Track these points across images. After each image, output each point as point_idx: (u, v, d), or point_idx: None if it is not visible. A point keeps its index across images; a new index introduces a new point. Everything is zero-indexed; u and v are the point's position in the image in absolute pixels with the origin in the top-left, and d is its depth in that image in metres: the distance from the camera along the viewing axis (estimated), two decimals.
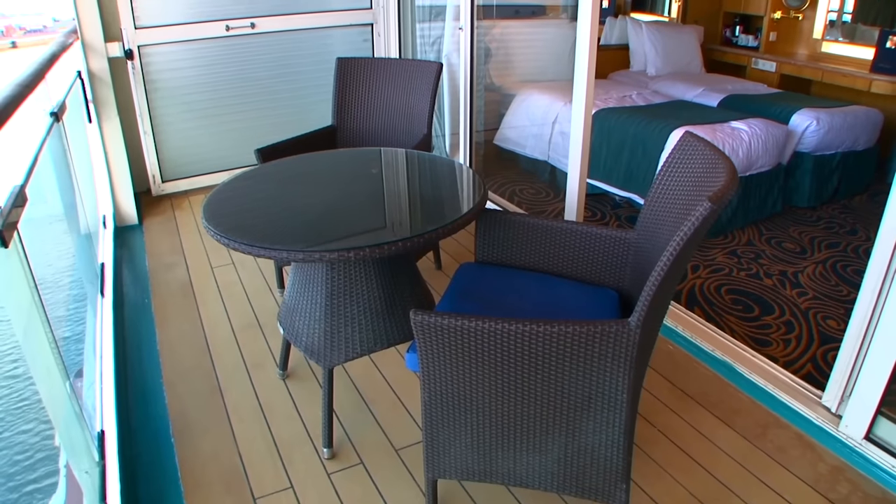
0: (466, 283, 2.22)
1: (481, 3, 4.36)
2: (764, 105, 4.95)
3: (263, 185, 2.55)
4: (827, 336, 3.08)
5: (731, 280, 3.61)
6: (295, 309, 2.31)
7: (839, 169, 4.77)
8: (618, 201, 4.61)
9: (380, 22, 4.99)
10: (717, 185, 1.62)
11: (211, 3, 4.42)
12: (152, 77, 4.36)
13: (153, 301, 3.35)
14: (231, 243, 1.93)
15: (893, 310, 2.04)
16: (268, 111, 4.80)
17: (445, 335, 1.61)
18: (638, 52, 6.40)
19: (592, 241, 2.22)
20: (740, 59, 6.73)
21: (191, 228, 4.14)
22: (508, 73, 5.55)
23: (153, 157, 4.52)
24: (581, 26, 2.99)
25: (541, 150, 5.09)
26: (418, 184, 2.68)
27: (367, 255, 1.86)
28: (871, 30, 5.83)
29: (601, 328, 1.54)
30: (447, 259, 3.67)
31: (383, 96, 3.59)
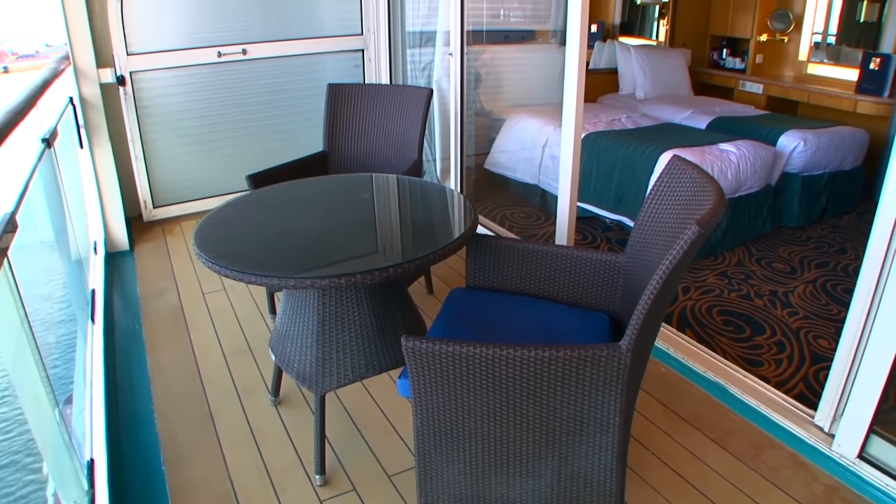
0: (458, 308, 2.22)
1: (471, 29, 4.40)
2: (752, 127, 5.00)
3: (255, 211, 2.55)
4: (818, 355, 3.09)
5: (722, 301, 3.62)
6: (286, 335, 2.31)
7: (827, 189, 4.82)
8: (608, 224, 4.63)
9: (370, 48, 5.03)
10: (706, 208, 1.64)
11: (203, 30, 4.45)
12: (144, 103, 4.37)
13: (144, 327, 3.33)
14: (223, 270, 1.93)
15: (883, 328, 2.05)
16: (259, 137, 4.81)
17: (437, 361, 1.61)
18: (626, 76, 6.46)
19: (583, 265, 2.23)
20: (728, 81, 6.80)
21: (182, 254, 4.13)
22: (498, 97, 5.59)
23: (144, 183, 4.52)
24: (569, 51, 3.02)
25: (531, 174, 5.12)
26: (409, 209, 2.69)
27: (359, 282, 1.87)
28: (855, 51, 5.91)
29: (592, 352, 1.55)
30: (439, 284, 3.68)
31: (374, 122, 3.61)
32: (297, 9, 4.73)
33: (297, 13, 4.73)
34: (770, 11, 6.50)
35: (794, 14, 6.37)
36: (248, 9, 4.56)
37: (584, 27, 2.99)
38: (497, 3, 5.30)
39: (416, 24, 4.93)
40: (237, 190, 3.98)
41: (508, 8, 5.41)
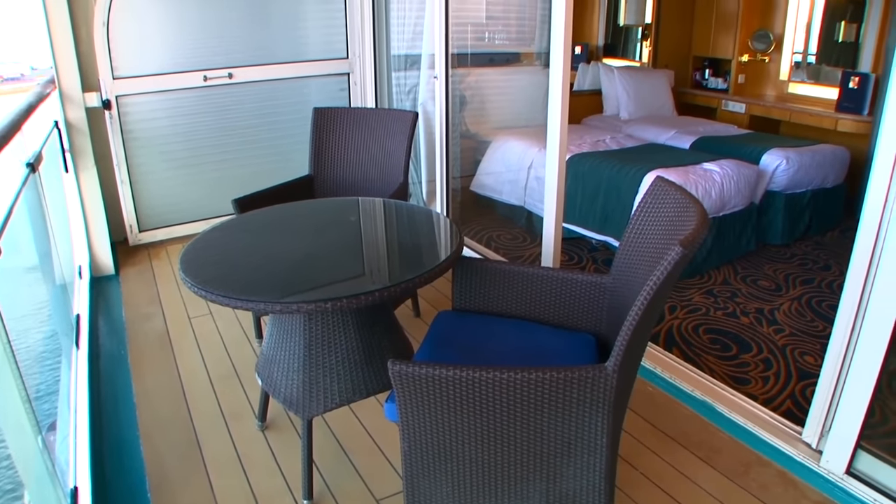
0: (444, 331, 2.23)
1: (455, 52, 4.44)
2: (735, 146, 5.06)
3: (241, 235, 2.55)
4: (805, 372, 3.10)
5: (708, 320, 3.64)
6: (273, 360, 2.30)
7: (810, 206, 4.87)
8: (594, 245, 4.65)
9: (356, 71, 5.07)
10: (689, 229, 1.65)
11: (189, 54, 4.46)
12: (130, 127, 4.37)
13: (129, 352, 3.31)
14: (209, 295, 1.93)
15: (867, 344, 2.07)
16: (245, 161, 4.82)
17: (424, 384, 1.61)
18: (610, 97, 6.52)
19: (569, 286, 2.24)
20: (711, 101, 6.88)
21: (168, 278, 4.11)
22: (483, 120, 5.62)
23: (130, 207, 4.51)
24: (553, 73, 3.06)
25: (517, 196, 5.14)
26: (395, 233, 2.70)
27: (345, 306, 1.87)
28: (835, 71, 6.00)
29: (578, 374, 1.55)
30: (425, 306, 3.68)
31: (360, 145, 3.63)
32: (283, 33, 4.76)
33: (282, 37, 4.76)
34: (751, 32, 6.60)
35: (775, 35, 6.47)
36: (234, 33, 4.59)
37: (567, 49, 3.03)
38: (482, 25, 5.34)
39: (401, 47, 4.97)
40: (223, 214, 3.98)
41: (493, 31, 5.46)
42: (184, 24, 4.41)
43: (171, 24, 4.38)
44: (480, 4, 5.27)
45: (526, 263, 4.36)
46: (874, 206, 2.00)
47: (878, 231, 2.00)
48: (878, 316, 2.03)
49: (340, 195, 3.55)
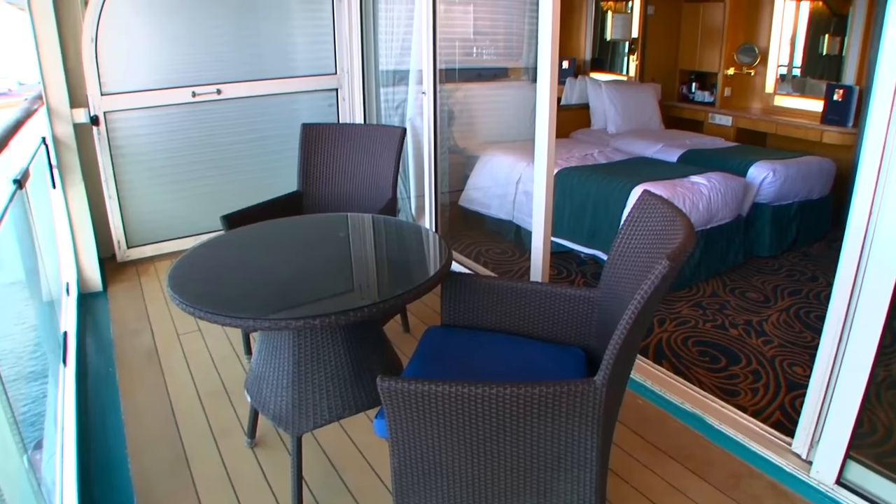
0: (433, 346, 2.22)
1: (443, 68, 4.46)
2: (722, 159, 5.09)
3: (229, 252, 2.54)
4: (794, 383, 3.12)
5: (697, 332, 3.65)
6: (262, 376, 2.29)
7: (797, 218, 4.91)
8: (583, 258, 4.66)
9: (344, 87, 5.08)
10: (676, 242, 1.66)
11: (177, 70, 4.46)
12: (118, 143, 4.36)
13: (118, 369, 3.28)
14: (197, 312, 1.92)
15: (855, 354, 2.08)
16: (234, 176, 4.81)
17: (413, 400, 1.61)
18: (598, 111, 6.56)
19: (557, 300, 2.24)
20: (697, 114, 6.93)
21: (156, 295, 4.09)
22: (472, 135, 5.64)
23: (118, 223, 4.49)
24: (540, 88, 3.08)
25: (505, 211, 5.14)
26: (384, 249, 2.71)
27: (334, 322, 1.87)
28: (820, 83, 6.06)
29: (567, 388, 1.55)
30: (415, 321, 3.67)
31: (348, 161, 3.63)
32: (272, 48, 4.77)
33: (271, 53, 4.77)
34: (736, 46, 6.67)
35: (760, 48, 6.54)
36: (223, 49, 4.59)
37: (554, 64, 3.05)
38: (469, 41, 5.37)
39: (389, 63, 4.99)
40: (212, 230, 3.96)
41: (481, 46, 5.48)
42: (172, 40, 4.41)
43: (159, 40, 4.38)
44: (468, 20, 5.30)
45: (515, 278, 4.40)
46: (859, 217, 2.02)
47: (863, 242, 2.02)
48: (864, 326, 2.04)
49: (329, 211, 3.55)
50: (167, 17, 4.36)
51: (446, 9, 4.96)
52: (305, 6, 4.83)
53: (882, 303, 1.99)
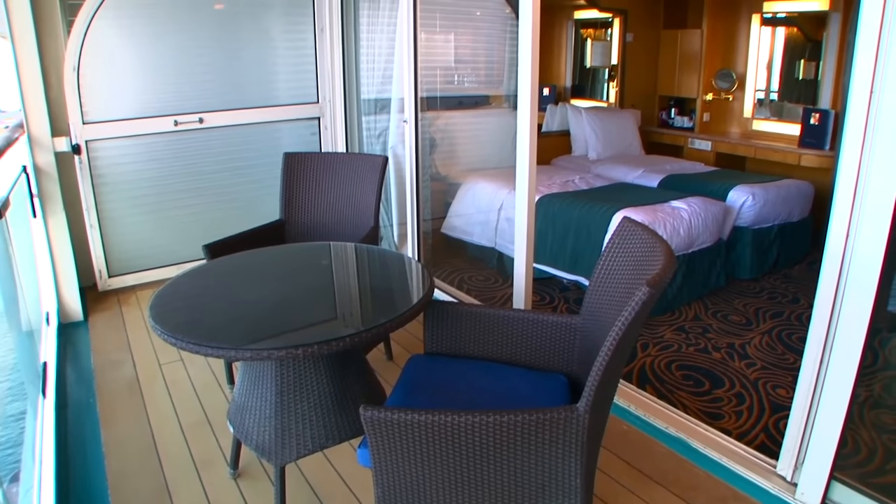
0: (416, 375, 2.22)
1: (425, 96, 4.50)
2: (702, 183, 5.15)
3: (211, 281, 2.54)
4: (777, 405, 3.13)
5: (680, 356, 3.66)
6: (244, 406, 2.27)
7: (777, 240, 4.97)
8: (566, 284, 4.67)
9: (327, 116, 5.11)
10: (656, 268, 1.67)
11: (159, 99, 4.47)
12: (100, 171, 4.34)
13: (98, 400, 3.24)
14: (178, 343, 1.91)
15: (836, 374, 2.10)
16: (216, 205, 4.81)
17: (396, 429, 1.60)
18: (579, 138, 6.62)
19: (539, 327, 2.25)
20: (677, 139, 7.02)
21: (138, 324, 4.06)
22: (453, 162, 5.66)
23: (100, 252, 4.46)
24: (521, 115, 3.11)
25: (488, 238, 5.15)
26: (366, 278, 2.71)
27: (316, 352, 1.86)
28: (797, 107, 6.17)
29: (550, 415, 1.55)
30: (398, 350, 3.66)
31: (330, 190, 3.65)
32: (254, 77, 4.79)
33: (253, 82, 4.80)
34: (714, 72, 6.78)
35: (737, 73, 6.66)
36: (205, 77, 4.61)
37: (534, 91, 3.09)
38: (451, 69, 5.42)
39: (371, 91, 5.03)
40: (194, 259, 3.96)
41: (462, 74, 5.53)
42: (155, 69, 4.42)
43: (141, 69, 4.39)
44: (449, 48, 5.36)
45: (498, 304, 4.40)
46: (836, 239, 2.04)
47: (841, 263, 2.04)
48: (845, 347, 2.06)
49: (311, 240, 3.55)
50: (150, 46, 4.38)
51: (427, 37, 5.01)
52: (287, 35, 4.87)
53: (861, 323, 2.01)
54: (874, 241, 1.94)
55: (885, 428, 2.50)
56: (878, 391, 2.50)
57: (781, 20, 6.41)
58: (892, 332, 2.53)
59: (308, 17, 4.89)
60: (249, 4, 4.72)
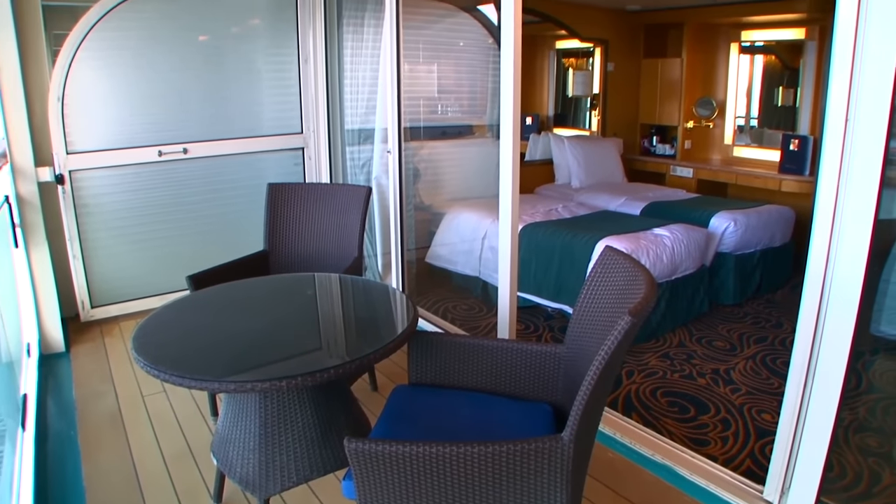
0: (401, 406, 2.21)
1: (408, 126, 4.53)
2: (684, 210, 5.20)
3: (195, 312, 2.53)
4: (763, 430, 3.14)
5: (665, 383, 3.67)
6: (228, 439, 2.25)
7: (760, 265, 5.01)
8: (550, 313, 4.68)
9: (311, 146, 5.13)
10: (639, 297, 1.69)
11: (144, 129, 4.47)
12: (84, 201, 4.33)
13: (79, 432, 3.20)
14: (161, 375, 1.90)
15: (820, 399, 2.11)
16: (200, 236, 4.80)
17: (381, 461, 1.60)
18: (562, 166, 6.66)
19: (524, 357, 2.25)
20: (659, 167, 7.09)
21: (121, 355, 4.02)
22: (437, 192, 5.67)
23: (82, 282, 4.43)
24: (504, 145, 3.14)
25: (472, 267, 5.15)
26: (351, 309, 2.71)
27: (300, 384, 1.86)
28: (776, 133, 6.27)
29: (535, 445, 1.56)
30: (383, 380, 3.65)
31: (314, 221, 3.66)
32: (239, 108, 4.82)
33: (237, 112, 4.82)
34: (694, 99, 6.88)
35: (717, 101, 6.76)
36: (190, 108, 4.63)
37: (516, 121, 3.12)
38: (434, 99, 5.47)
39: (354, 122, 5.06)
40: (178, 289, 3.93)
41: (445, 104, 5.57)
42: (139, 100, 4.43)
43: (126, 100, 4.40)
44: (432, 79, 5.41)
45: (482, 333, 4.40)
46: (817, 264, 2.07)
47: (822, 288, 2.06)
48: (828, 371, 2.08)
49: (296, 270, 3.55)
50: (135, 77, 4.39)
51: (411, 68, 5.07)
52: (272, 66, 4.91)
53: (843, 347, 2.03)
54: (853, 265, 1.97)
55: (871, 451, 2.52)
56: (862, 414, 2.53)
57: (759, 48, 6.54)
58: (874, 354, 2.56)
59: (292, 47, 4.93)
60: (234, 36, 4.76)
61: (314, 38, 4.92)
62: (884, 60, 1.81)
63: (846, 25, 1.88)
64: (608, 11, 7.04)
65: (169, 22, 4.45)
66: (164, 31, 4.45)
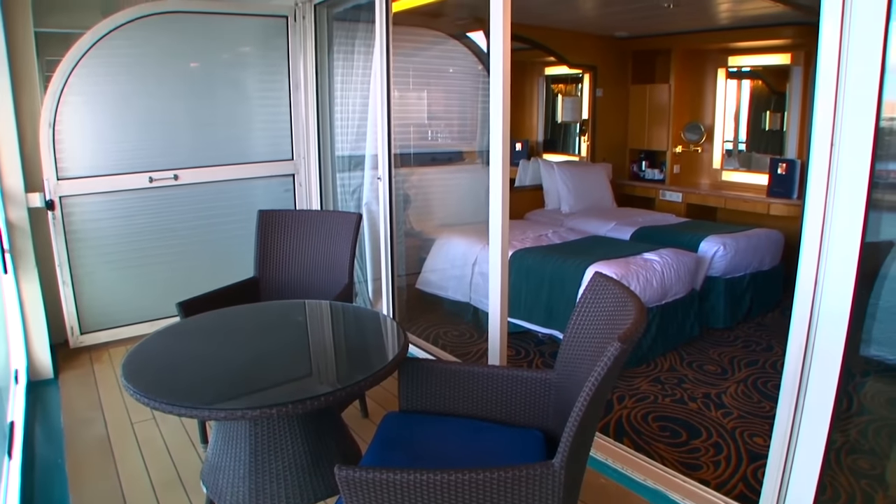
0: (391, 433, 2.21)
1: (399, 152, 4.55)
2: (673, 235, 5.23)
3: (185, 340, 2.52)
4: (755, 453, 3.13)
5: (656, 407, 3.67)
6: (218, 466, 2.24)
7: (750, 289, 5.04)
8: (541, 338, 4.67)
9: (301, 172, 5.15)
10: (628, 322, 1.70)
11: (135, 155, 4.48)
12: (74, 227, 4.33)
13: (67, 460, 3.17)
14: (151, 402, 1.90)
15: (811, 421, 2.11)
16: (190, 262, 4.79)
17: (371, 489, 1.59)
18: (552, 192, 6.68)
19: (514, 383, 2.26)
20: (649, 191, 7.13)
21: (110, 382, 3.99)
22: (427, 218, 5.69)
23: (72, 308, 4.41)
24: (493, 171, 3.16)
25: (462, 293, 5.15)
26: (342, 336, 2.71)
27: (290, 412, 1.85)
28: (764, 157, 6.33)
29: (526, 472, 1.55)
30: (373, 406, 3.63)
31: (305, 247, 3.66)
32: (229, 134, 4.84)
33: (228, 139, 4.84)
34: (683, 124, 6.95)
35: (706, 126, 6.83)
36: (181, 134, 4.65)
37: (506, 147, 3.15)
38: (424, 125, 5.50)
39: (345, 148, 5.08)
40: (168, 315, 3.91)
41: (435, 130, 5.60)
42: (130, 126, 4.45)
43: (117, 126, 4.41)
44: (422, 105, 5.45)
45: (473, 359, 4.39)
46: (805, 287, 2.08)
47: (811, 310, 2.07)
48: (818, 393, 2.08)
49: (286, 297, 3.54)
50: (126, 103, 4.41)
51: (401, 94, 5.11)
52: (262, 93, 4.94)
53: (833, 369, 2.03)
54: (842, 288, 1.98)
55: (863, 473, 2.52)
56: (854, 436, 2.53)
57: (746, 74, 6.63)
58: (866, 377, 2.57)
59: (283, 74, 4.97)
60: (225, 62, 4.80)
61: (305, 64, 4.96)
62: (867, 84, 1.85)
63: (829, 51, 1.92)
64: (596, 38, 7.12)
65: (160, 49, 4.48)
66: (155, 58, 4.48)
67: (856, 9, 1.85)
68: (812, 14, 2.14)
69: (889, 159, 1.96)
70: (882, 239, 2.12)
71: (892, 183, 2.00)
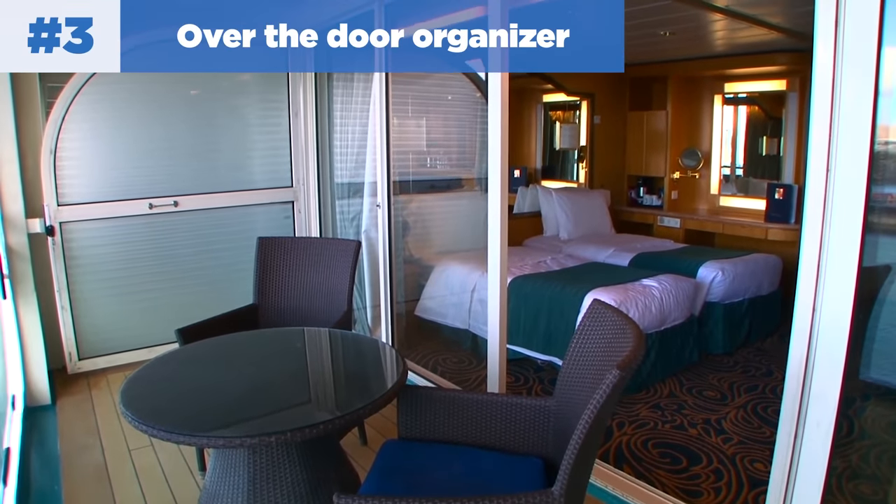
0: (390, 461, 2.20)
1: (398, 179, 4.57)
2: (672, 261, 5.24)
3: (184, 367, 2.53)
4: (756, 480, 3.12)
5: (656, 434, 3.65)
6: (216, 494, 2.23)
7: (748, 314, 5.03)
8: (540, 365, 4.65)
9: (300, 199, 5.17)
10: (627, 349, 1.70)
11: (135, 182, 4.51)
12: (73, 253, 4.34)
13: (63, 488, 3.15)
14: (149, 429, 1.90)
15: (811, 447, 2.10)
16: (190, 288, 4.79)
17: None
18: (550, 218, 6.69)
19: (513, 411, 2.25)
20: (647, 217, 7.14)
21: (108, 408, 3.98)
22: (426, 245, 5.69)
23: (70, 334, 4.40)
24: (492, 198, 3.18)
25: (461, 320, 5.13)
26: (340, 363, 2.71)
27: (289, 439, 1.85)
28: (761, 182, 6.36)
29: (525, 500, 1.55)
30: (373, 433, 3.61)
31: (304, 275, 3.67)
32: (229, 161, 4.87)
33: (228, 166, 4.87)
34: (680, 150, 6.98)
35: (703, 151, 6.86)
36: (181, 161, 4.67)
37: (504, 174, 3.16)
38: (423, 153, 5.53)
39: (344, 175, 5.10)
40: (167, 341, 3.91)
41: (434, 157, 5.63)
42: (131, 153, 4.48)
43: (118, 153, 4.44)
44: (421, 132, 5.48)
45: (473, 386, 4.38)
46: (804, 311, 2.08)
47: (809, 335, 2.07)
48: (818, 418, 2.07)
49: (285, 324, 3.54)
50: (127, 130, 4.44)
51: (399, 122, 5.14)
52: (262, 120, 4.98)
53: (833, 394, 2.03)
54: (840, 312, 1.98)
55: (865, 499, 2.51)
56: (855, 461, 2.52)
57: (742, 100, 6.68)
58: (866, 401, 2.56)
59: (283, 101, 5.01)
60: (225, 90, 4.83)
61: (304, 91, 5.00)
62: (860, 109, 1.87)
63: (823, 78, 1.94)
64: None
65: (161, 76, 4.52)
66: (156, 86, 4.52)
67: (848, 36, 1.88)
68: (806, 41, 2.17)
69: (885, 183, 1.98)
70: (879, 263, 2.13)
71: (889, 207, 2.02)
